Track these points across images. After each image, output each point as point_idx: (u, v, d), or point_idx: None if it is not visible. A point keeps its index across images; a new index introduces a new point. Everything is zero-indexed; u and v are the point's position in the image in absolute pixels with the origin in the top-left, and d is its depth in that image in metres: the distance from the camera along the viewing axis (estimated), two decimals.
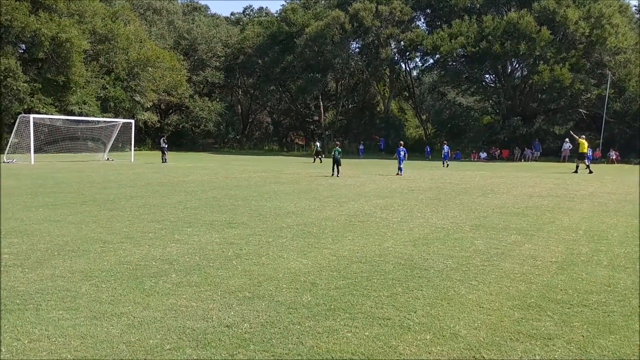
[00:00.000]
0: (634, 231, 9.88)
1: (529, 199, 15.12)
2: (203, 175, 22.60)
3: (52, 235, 8.81)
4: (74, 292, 5.77)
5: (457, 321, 4.95)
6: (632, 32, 43.30)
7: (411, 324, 4.87)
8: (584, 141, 27.54)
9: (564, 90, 41.33)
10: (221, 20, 63.57)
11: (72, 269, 6.71)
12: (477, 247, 8.27)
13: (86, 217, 10.81)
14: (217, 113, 53.89)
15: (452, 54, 42.43)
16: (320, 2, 55.62)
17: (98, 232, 9.17)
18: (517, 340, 4.52)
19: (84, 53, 43.27)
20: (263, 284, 6.11)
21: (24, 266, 6.83)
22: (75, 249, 7.84)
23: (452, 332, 4.69)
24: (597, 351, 4.33)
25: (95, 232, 9.17)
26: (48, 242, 8.32)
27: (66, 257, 7.30)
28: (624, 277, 6.56)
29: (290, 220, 10.68)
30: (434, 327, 4.80)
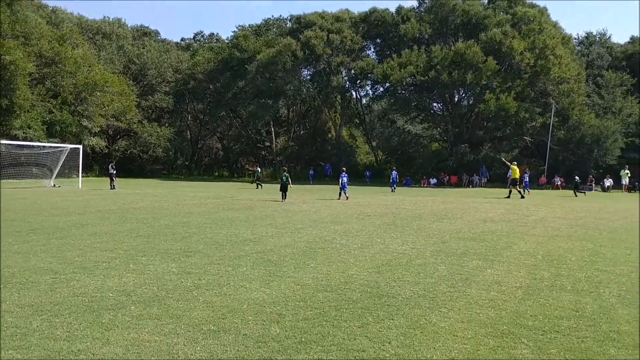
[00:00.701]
0: (590, 255, 10.06)
1: (483, 224, 15.30)
2: (154, 202, 21.97)
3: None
4: (25, 328, 5.33)
5: (434, 351, 4.80)
6: (574, 62, 45.22)
7: (387, 356, 4.68)
8: (515, 167, 28.70)
9: (510, 118, 42.61)
10: (172, 46, 62.91)
11: (20, 303, 6.24)
12: (441, 273, 8.20)
13: (34, 246, 10.22)
14: (165, 139, 52.92)
15: (401, 82, 43.19)
16: (272, 30, 55.92)
17: (48, 262, 8.65)
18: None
19: (29, 76, 41.87)
20: (227, 316, 5.82)
21: None
22: (24, 281, 7.32)
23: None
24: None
25: (45, 262, 8.64)
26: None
27: (13, 290, 6.80)
28: (590, 302, 6.59)
29: (248, 248, 10.39)
30: (410, 358, 4.63)
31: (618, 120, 44.96)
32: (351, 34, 48.06)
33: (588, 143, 42.81)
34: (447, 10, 45.32)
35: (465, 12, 44.96)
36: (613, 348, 4.94)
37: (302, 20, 50.84)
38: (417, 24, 45.57)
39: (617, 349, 4.93)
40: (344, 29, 48.02)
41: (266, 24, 57.15)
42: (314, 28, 47.63)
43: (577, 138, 43.23)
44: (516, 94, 42.02)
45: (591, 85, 49.62)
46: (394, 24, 47.63)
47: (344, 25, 48.66)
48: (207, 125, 62.27)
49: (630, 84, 49.00)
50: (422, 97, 46.89)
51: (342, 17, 49.96)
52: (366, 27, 49.43)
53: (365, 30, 49.41)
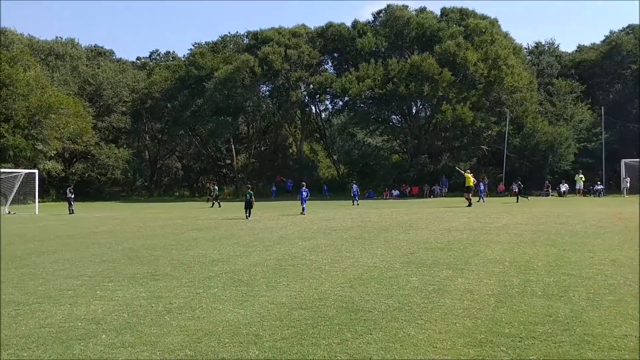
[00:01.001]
0: (555, 260, 10.27)
1: (448, 233, 15.48)
2: (115, 225, 21.47)
3: None
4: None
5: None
6: (525, 72, 46.47)
7: None
8: (469, 175, 29.56)
9: (466, 128, 43.41)
10: (127, 65, 61.94)
11: None
12: (413, 285, 8.24)
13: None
14: (124, 160, 51.84)
15: (360, 96, 43.57)
16: (229, 46, 55.73)
17: (9, 293, 8.34)
18: None
19: None
20: (203, 339, 5.69)
21: None
22: None
23: None
24: None
25: (6, 294, 8.33)
26: None
27: None
28: (562, 306, 6.72)
29: (217, 269, 10.24)
30: None
31: (570, 126, 46.33)
32: (308, 49, 48.30)
33: (543, 150, 43.92)
34: (401, 24, 46.07)
35: (419, 25, 45.78)
36: (590, 351, 5.03)
37: (259, 36, 50.82)
38: (373, 37, 46.13)
39: (593, 351, 5.02)
40: (301, 44, 48.22)
41: (223, 41, 56.92)
42: (271, 44, 47.65)
43: (532, 145, 44.31)
44: (472, 104, 42.87)
45: (543, 93, 51.08)
46: (350, 38, 48.11)
47: (301, 40, 48.88)
48: (165, 144, 61.40)
49: (580, 91, 50.66)
50: (381, 109, 47.38)
51: (298, 32, 50.18)
52: (323, 42, 49.77)
53: (322, 45, 49.74)
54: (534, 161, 44.68)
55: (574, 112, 48.47)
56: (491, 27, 46.28)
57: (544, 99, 50.32)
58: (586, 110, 48.86)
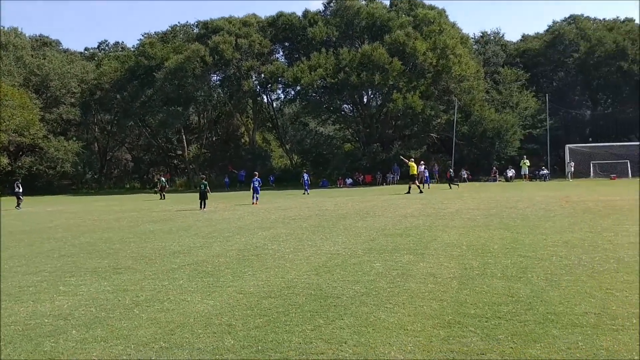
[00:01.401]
0: (510, 243, 10.67)
1: (405, 219, 15.81)
2: (68, 219, 20.93)
3: None
4: None
5: (390, 347, 4.96)
6: (472, 61, 47.52)
7: (346, 356, 4.79)
8: (413, 164, 30.59)
9: (417, 116, 44.14)
10: (75, 56, 59.85)
11: None
12: (377, 270, 8.43)
13: None
14: (73, 153, 50.29)
15: (312, 85, 43.61)
16: (179, 36, 54.66)
17: None
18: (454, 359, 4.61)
19: None
20: (176, 331, 5.70)
21: None
22: None
23: (390, 359, 4.67)
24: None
25: None
26: None
27: None
28: (522, 287, 7.02)
29: (179, 261, 10.18)
30: (370, 356, 4.76)
31: (516, 113, 47.79)
32: (259, 38, 47.91)
33: (490, 137, 45.17)
34: (352, 14, 46.27)
35: (369, 14, 46.09)
36: (554, 329, 5.31)
37: (209, 26, 50.08)
38: (324, 27, 46.18)
39: (557, 329, 5.30)
40: (252, 33, 47.78)
41: (173, 31, 55.77)
42: (221, 33, 47.04)
43: (479, 132, 45.48)
44: (421, 93, 43.56)
45: (489, 81, 52.39)
46: (301, 27, 48.01)
47: (252, 30, 48.42)
48: (115, 136, 59.98)
49: (525, 79, 52.23)
50: (333, 99, 47.59)
51: (249, 22, 49.69)
52: (274, 31, 49.47)
53: (273, 34, 49.44)
54: (481, 148, 45.91)
55: (519, 100, 49.97)
56: (439, 17, 47.03)
57: (491, 87, 51.64)
58: (531, 97, 50.44)
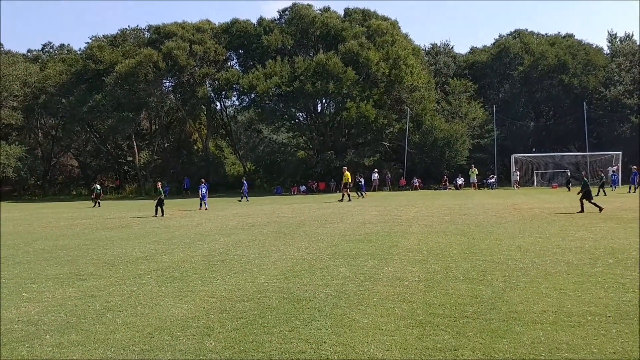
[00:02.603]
0: (468, 248, 11.10)
1: (364, 225, 16.12)
2: (16, 226, 20.29)
3: None
4: None
5: (368, 345, 5.17)
6: (424, 71, 48.66)
7: (328, 354, 4.97)
8: (347, 173, 31.57)
9: (370, 125, 44.80)
10: (18, 58, 57.80)
11: None
12: (345, 274, 8.64)
13: None
14: (16, 158, 48.61)
15: (267, 93, 43.70)
16: (129, 40, 53.61)
17: None
18: (430, 356, 4.86)
19: None
20: (155, 334, 5.75)
21: None
22: None
23: (370, 357, 4.88)
24: (500, 355, 4.85)
25: None
26: None
27: None
28: (484, 289, 7.38)
29: (144, 267, 10.13)
30: (350, 355, 4.96)
31: (465, 123, 49.17)
32: (214, 45, 47.66)
33: (440, 146, 46.28)
34: (307, 22, 46.64)
35: (324, 24, 46.58)
36: (517, 326, 5.65)
37: (161, 31, 49.35)
38: (279, 35, 46.39)
39: (520, 326, 5.64)
40: (206, 40, 47.46)
41: (122, 34, 54.59)
42: (175, 39, 46.52)
43: (430, 141, 46.54)
44: (374, 102, 44.27)
45: (440, 92, 53.75)
46: (256, 35, 47.98)
47: (206, 36, 48.08)
48: (60, 141, 58.17)
49: (473, 90, 53.82)
50: (288, 106, 47.78)
51: (203, 28, 49.33)
52: (228, 38, 49.22)
53: (228, 41, 49.18)
54: (432, 156, 46.95)
55: (468, 110, 51.41)
56: (392, 28, 47.94)
57: (441, 97, 52.96)
58: (479, 108, 51.97)
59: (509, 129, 52.28)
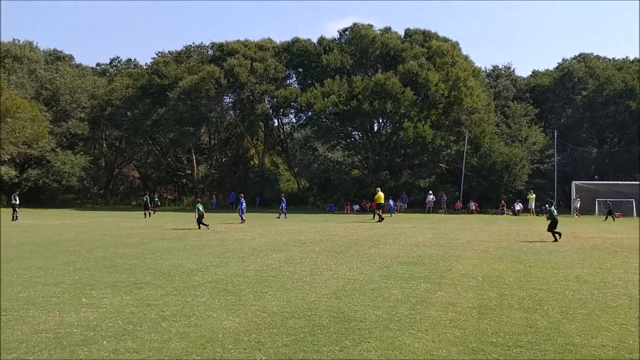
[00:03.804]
0: (524, 276, 10.79)
1: (417, 248, 15.93)
2: (78, 233, 21.12)
3: None
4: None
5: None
6: (484, 94, 48.02)
7: None
8: (380, 194, 31.77)
9: (427, 146, 44.46)
10: (87, 71, 60.68)
11: None
12: (396, 297, 8.56)
13: None
14: (80, 167, 50.73)
15: (325, 111, 44.11)
16: (193, 56, 55.39)
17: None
18: None
19: None
20: (207, 345, 5.86)
21: None
22: None
23: None
24: None
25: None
26: None
27: None
28: (539, 318, 7.16)
29: (198, 278, 10.34)
30: None
31: (524, 148, 48.06)
32: (275, 63, 48.62)
33: (498, 169, 45.35)
34: (366, 43, 46.97)
35: (384, 44, 46.80)
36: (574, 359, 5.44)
37: (224, 48, 50.83)
38: (339, 54, 46.87)
39: None
40: (267, 58, 48.51)
41: (187, 51, 56.51)
42: (237, 56, 47.76)
43: (488, 165, 45.70)
44: (432, 123, 43.98)
45: (499, 115, 52.81)
46: (316, 54, 48.70)
47: (267, 54, 49.17)
48: (123, 152, 60.41)
49: (534, 114, 52.61)
50: (344, 125, 48.05)
51: (265, 46, 50.48)
52: (289, 56, 50.15)
53: (288, 59, 50.12)
54: (490, 180, 46.03)
55: (528, 134, 50.26)
56: (452, 49, 47.67)
57: (500, 120, 52.02)
58: (539, 133, 50.73)
59: (570, 155, 50.73)
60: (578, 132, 52.28)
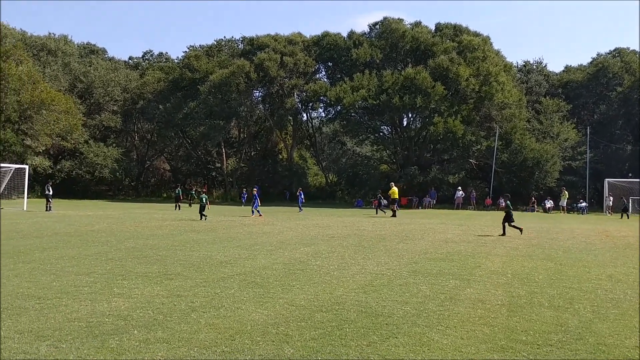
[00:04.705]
0: (555, 274, 10.64)
1: (446, 244, 15.81)
2: (110, 224, 21.50)
3: None
4: (34, 354, 5.28)
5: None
6: (515, 89, 47.35)
7: None
8: (394, 188, 31.44)
9: (457, 141, 44.09)
10: (120, 64, 61.65)
11: (17, 328, 6.13)
12: (425, 293, 8.52)
13: (3, 270, 9.90)
14: (113, 159, 51.68)
15: (354, 105, 44.05)
16: (224, 51, 55.81)
17: (26, 288, 8.45)
18: None
19: None
20: (235, 337, 5.92)
21: None
22: (10, 307, 7.16)
23: None
24: None
25: (23, 288, 8.44)
26: None
27: (4, 316, 6.66)
28: (570, 317, 7.05)
29: (227, 270, 10.44)
30: None
31: (556, 144, 47.28)
32: (304, 57, 48.70)
33: (529, 166, 44.73)
34: (397, 37, 46.71)
35: (414, 39, 46.49)
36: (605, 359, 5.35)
37: (254, 42, 51.11)
38: (368, 48, 46.71)
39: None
40: (297, 52, 48.61)
41: (218, 45, 56.97)
42: (267, 50, 47.98)
43: (519, 161, 45.12)
44: (462, 118, 43.57)
45: (531, 111, 52.02)
46: (345, 48, 48.66)
47: (297, 48, 49.28)
48: (154, 145, 61.28)
49: (566, 110, 51.67)
50: (373, 119, 47.92)
51: (294, 40, 50.58)
52: (318, 50, 50.20)
53: (318, 54, 50.17)
54: (520, 177, 45.44)
55: (560, 131, 49.44)
56: (483, 44, 47.11)
57: (532, 116, 51.26)
58: (571, 129, 49.85)
59: (603, 152, 49.74)
60: (612, 129, 51.22)
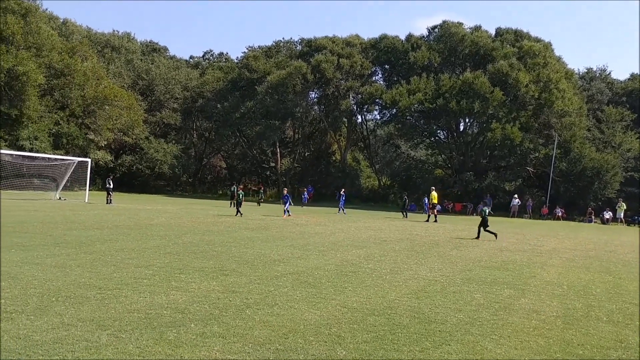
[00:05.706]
0: (613, 288, 10.33)
1: (500, 253, 15.54)
2: (168, 218, 22.14)
3: (39, 280, 8.40)
4: (95, 342, 5.54)
5: None
6: (576, 97, 45.88)
7: None
8: (435, 193, 31.13)
9: (514, 148, 43.13)
10: (181, 63, 63.32)
11: (79, 317, 6.44)
12: (478, 301, 8.44)
13: (66, 260, 10.38)
14: (172, 155, 53.09)
15: (410, 108, 43.74)
16: (282, 52, 56.49)
17: (87, 278, 8.82)
18: None
19: (39, 87, 42.03)
20: (289, 336, 6.04)
21: (26, 312, 6.51)
22: (72, 295, 7.51)
23: None
24: None
25: (85, 277, 8.82)
26: (38, 287, 7.94)
27: (67, 304, 7.00)
28: (630, 334, 6.85)
29: (280, 269, 10.61)
30: None
31: (617, 154, 45.48)
32: (361, 59, 48.71)
33: (589, 176, 43.21)
34: (456, 41, 46.10)
35: (473, 43, 45.76)
36: None
37: (312, 44, 51.47)
38: (426, 52, 46.30)
39: None
40: (354, 54, 48.68)
41: (276, 46, 57.76)
42: (324, 52, 48.24)
43: (578, 170, 43.66)
44: (521, 125, 42.62)
45: (592, 119, 50.30)
46: (403, 51, 48.35)
47: (354, 50, 49.34)
48: (212, 143, 62.57)
49: (630, 120, 49.66)
50: (429, 123, 47.43)
51: (352, 42, 50.65)
52: (375, 53, 50.10)
53: (375, 56, 50.07)
54: (578, 186, 43.97)
55: (622, 140, 47.59)
56: (544, 50, 45.91)
57: (593, 125, 49.58)
58: (635, 139, 47.89)
59: None
60: None
